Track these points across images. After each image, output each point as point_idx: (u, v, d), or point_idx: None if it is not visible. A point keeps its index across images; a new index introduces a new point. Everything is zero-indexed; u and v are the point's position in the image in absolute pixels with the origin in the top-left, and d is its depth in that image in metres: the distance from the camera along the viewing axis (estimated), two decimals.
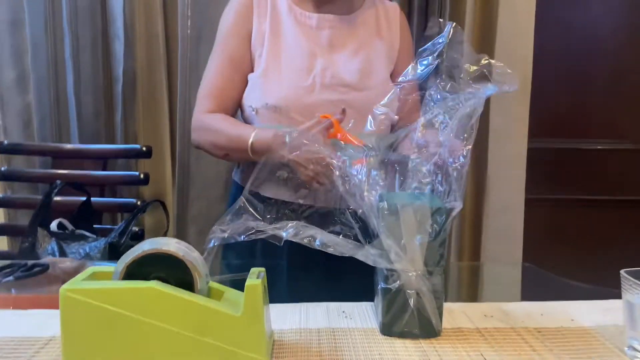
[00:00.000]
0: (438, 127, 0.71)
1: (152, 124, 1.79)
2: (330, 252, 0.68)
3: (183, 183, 1.80)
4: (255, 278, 0.62)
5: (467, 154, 0.66)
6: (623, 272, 0.64)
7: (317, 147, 0.93)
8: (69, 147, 1.70)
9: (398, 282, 0.68)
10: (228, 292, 0.66)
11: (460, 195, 0.67)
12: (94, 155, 1.67)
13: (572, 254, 2.11)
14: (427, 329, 0.69)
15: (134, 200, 1.61)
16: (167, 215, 1.56)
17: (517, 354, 0.65)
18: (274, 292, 0.78)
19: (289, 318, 0.76)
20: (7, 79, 1.77)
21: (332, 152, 0.84)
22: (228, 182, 1.79)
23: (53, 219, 1.38)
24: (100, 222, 1.61)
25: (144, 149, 1.64)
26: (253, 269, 0.65)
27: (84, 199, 1.48)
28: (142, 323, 0.58)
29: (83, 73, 1.76)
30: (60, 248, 1.32)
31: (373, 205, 0.70)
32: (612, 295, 0.83)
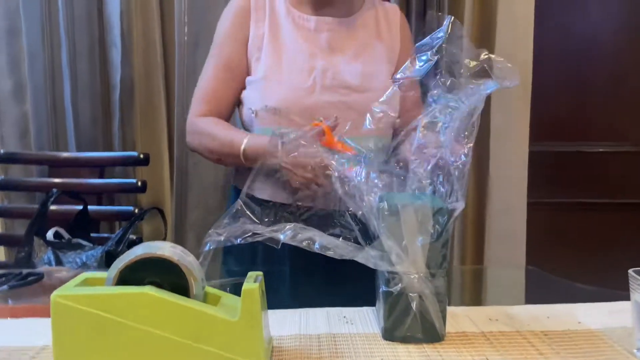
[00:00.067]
0: (439, 128, 0.70)
1: (150, 131, 1.78)
2: (330, 255, 0.67)
3: (181, 190, 1.78)
4: (253, 282, 0.60)
5: (468, 152, 0.65)
6: (631, 271, 0.62)
7: (310, 152, 0.92)
8: (65, 155, 1.69)
9: (400, 285, 0.66)
10: (225, 297, 0.64)
11: (463, 195, 0.65)
12: (91, 164, 1.66)
13: (574, 257, 2.09)
14: (430, 333, 0.67)
15: (132, 208, 1.59)
16: (165, 223, 1.53)
17: (523, 358, 0.63)
18: (275, 298, 0.77)
19: (289, 324, 0.74)
20: (4, 88, 1.76)
21: (328, 154, 0.82)
22: (226, 188, 1.78)
23: (49, 228, 1.36)
24: (98, 230, 1.59)
25: (142, 157, 1.62)
26: (250, 273, 0.63)
27: (81, 208, 1.46)
28: (135, 330, 0.56)
29: (80, 81, 1.75)
30: (57, 257, 1.30)
31: (373, 207, 0.68)
32: (618, 297, 0.81)
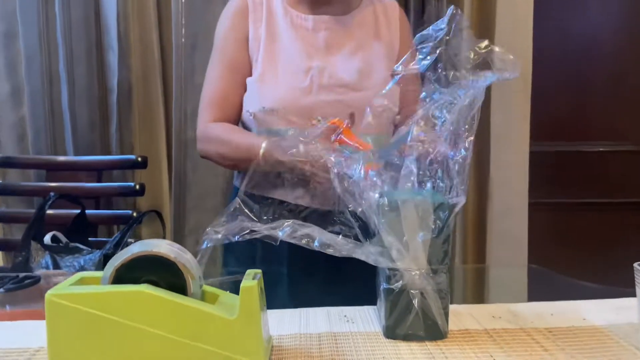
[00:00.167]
0: (435, 122, 0.69)
1: (148, 134, 1.77)
2: (330, 252, 0.66)
3: (180, 193, 1.77)
4: (251, 279, 0.59)
5: (469, 146, 0.64)
6: (637, 265, 0.61)
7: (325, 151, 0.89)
8: (62, 159, 1.68)
9: (401, 281, 0.65)
10: (223, 295, 0.63)
11: (464, 190, 0.64)
12: (88, 167, 1.64)
13: (575, 257, 2.07)
14: (432, 331, 0.66)
15: (130, 212, 1.57)
16: (163, 226, 1.52)
17: (528, 354, 0.62)
18: (276, 298, 0.75)
19: (288, 323, 0.73)
20: (1, 92, 1.75)
21: (337, 153, 0.80)
22: (225, 191, 1.77)
23: (47, 232, 1.35)
24: (96, 235, 1.57)
25: (139, 160, 1.61)
26: (249, 271, 0.62)
27: (79, 212, 1.45)
28: (132, 328, 0.55)
29: (77, 84, 1.74)
30: (54, 261, 1.28)
31: (373, 203, 0.67)
32: (622, 295, 0.80)
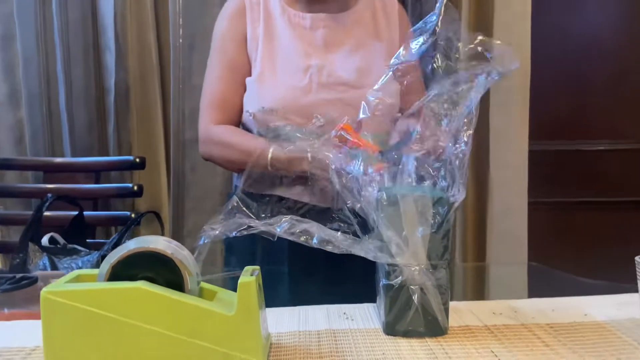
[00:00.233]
0: (440, 118, 0.68)
1: (146, 135, 1.76)
2: (329, 249, 0.65)
3: (178, 194, 1.76)
4: (249, 275, 0.58)
5: (468, 140, 0.63)
6: (638, 258, 0.60)
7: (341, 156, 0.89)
8: (60, 160, 1.67)
9: (400, 277, 0.64)
10: (221, 292, 0.62)
11: (463, 184, 0.64)
12: (86, 169, 1.64)
13: (575, 256, 2.06)
14: (432, 327, 0.65)
15: (128, 213, 1.57)
16: (162, 227, 1.51)
17: (529, 349, 0.61)
18: (277, 298, 0.75)
19: (287, 321, 0.72)
20: None
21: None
22: (224, 192, 1.76)
23: (45, 234, 1.34)
24: (94, 236, 1.56)
25: (137, 160, 1.60)
26: (247, 267, 0.61)
27: (76, 213, 1.44)
28: (129, 325, 0.54)
29: (75, 86, 1.74)
30: (52, 263, 1.28)
31: (371, 199, 0.66)
32: (623, 291, 0.80)
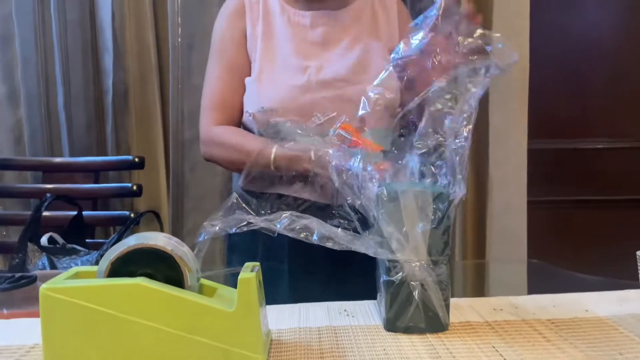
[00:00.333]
0: (443, 116, 0.68)
1: (145, 135, 1.76)
2: (329, 245, 0.65)
3: (177, 194, 1.76)
4: (250, 272, 0.58)
5: (468, 135, 0.63)
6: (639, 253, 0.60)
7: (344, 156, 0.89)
8: (59, 160, 1.67)
9: (401, 273, 0.64)
10: (221, 288, 0.62)
11: (463, 179, 0.63)
12: (85, 169, 1.64)
13: (574, 255, 2.06)
14: (433, 323, 0.65)
15: (127, 213, 1.57)
16: (161, 227, 1.51)
17: (530, 345, 0.61)
18: (277, 294, 0.74)
19: (288, 318, 0.72)
20: None
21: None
22: (224, 192, 1.76)
23: (44, 234, 1.34)
24: (93, 236, 1.56)
25: (136, 160, 1.60)
26: (247, 263, 0.61)
27: (75, 213, 1.44)
28: (128, 322, 0.54)
29: (73, 86, 1.73)
30: (51, 262, 1.28)
31: (372, 195, 0.66)
32: (625, 287, 0.80)
